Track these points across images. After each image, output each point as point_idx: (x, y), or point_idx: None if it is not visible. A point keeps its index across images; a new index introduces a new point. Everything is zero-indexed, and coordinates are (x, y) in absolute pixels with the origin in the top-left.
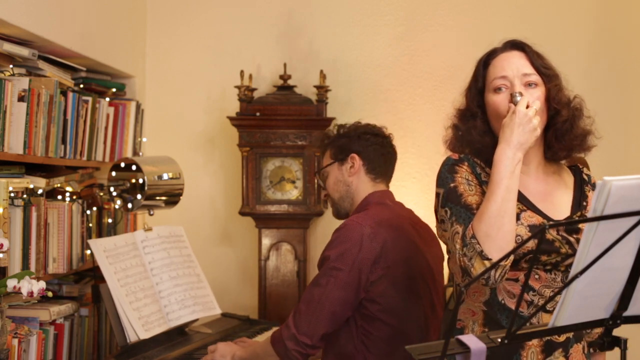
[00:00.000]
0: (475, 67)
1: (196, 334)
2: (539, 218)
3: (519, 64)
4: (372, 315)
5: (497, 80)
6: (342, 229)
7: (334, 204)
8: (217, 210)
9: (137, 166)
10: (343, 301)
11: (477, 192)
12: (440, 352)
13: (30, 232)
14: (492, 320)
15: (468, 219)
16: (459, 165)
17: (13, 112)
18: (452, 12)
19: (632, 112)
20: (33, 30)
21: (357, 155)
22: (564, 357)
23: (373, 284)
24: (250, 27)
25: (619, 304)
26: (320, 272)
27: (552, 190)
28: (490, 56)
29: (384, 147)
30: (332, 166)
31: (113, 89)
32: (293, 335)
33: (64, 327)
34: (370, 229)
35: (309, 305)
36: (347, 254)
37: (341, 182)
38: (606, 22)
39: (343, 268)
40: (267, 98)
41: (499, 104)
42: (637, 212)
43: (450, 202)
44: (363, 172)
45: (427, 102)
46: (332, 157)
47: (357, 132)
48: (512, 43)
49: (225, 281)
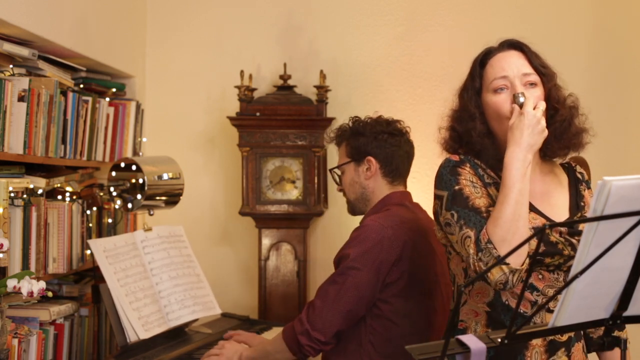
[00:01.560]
0: (471, 67)
1: (196, 334)
2: (542, 220)
3: (519, 64)
4: (383, 315)
5: (498, 80)
6: (363, 228)
7: (350, 203)
8: (217, 210)
9: (137, 166)
10: (359, 300)
11: (484, 195)
12: (440, 352)
13: (30, 232)
14: (496, 321)
15: (478, 222)
16: (460, 167)
17: (13, 112)
18: (452, 12)
19: (631, 112)
20: (33, 30)
21: (373, 158)
22: (567, 356)
23: (389, 285)
24: (250, 27)
25: (619, 304)
26: (338, 270)
27: (549, 191)
28: (486, 56)
29: (400, 147)
30: (349, 165)
31: (113, 89)
32: (306, 331)
33: (64, 327)
34: (392, 230)
35: (324, 302)
36: (367, 254)
37: (357, 184)
38: (605, 22)
39: (362, 268)
40: (267, 98)
41: (500, 104)
42: (637, 212)
43: (456, 205)
44: (380, 175)
45: (427, 102)
46: (348, 155)
47: (373, 132)
48: (509, 42)
49: (225, 281)
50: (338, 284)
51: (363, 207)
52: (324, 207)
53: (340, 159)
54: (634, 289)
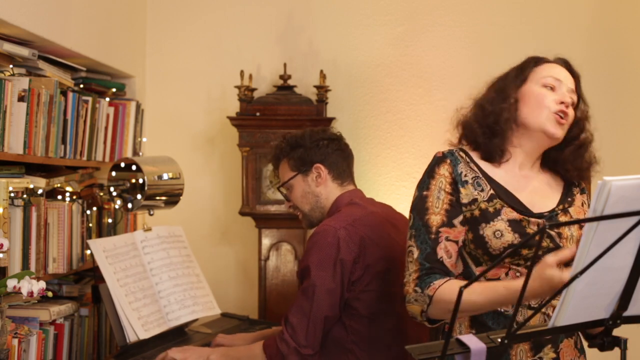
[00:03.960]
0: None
1: (196, 334)
2: (518, 214)
3: (570, 80)
4: (358, 313)
5: (551, 78)
6: (317, 235)
7: (305, 216)
8: (217, 210)
9: (137, 166)
10: (332, 305)
11: (442, 209)
12: (440, 352)
13: (30, 232)
14: (479, 322)
15: (424, 242)
16: (440, 165)
17: (13, 112)
18: (452, 12)
19: (631, 112)
20: (33, 30)
21: (321, 164)
22: (554, 352)
23: (355, 283)
24: (250, 27)
25: (619, 304)
26: (305, 283)
27: (540, 186)
28: (542, 60)
29: (342, 150)
30: (296, 179)
31: (113, 89)
32: (295, 350)
33: (64, 327)
34: (345, 230)
35: (302, 319)
36: (326, 258)
37: (309, 194)
38: (605, 22)
39: (325, 274)
40: (267, 98)
41: (544, 96)
42: (637, 212)
43: (415, 211)
44: (330, 180)
45: (427, 102)
46: (292, 169)
47: (312, 141)
48: (564, 62)
49: (225, 281)
50: (309, 298)
51: (319, 216)
52: None
53: (284, 176)
54: (634, 289)
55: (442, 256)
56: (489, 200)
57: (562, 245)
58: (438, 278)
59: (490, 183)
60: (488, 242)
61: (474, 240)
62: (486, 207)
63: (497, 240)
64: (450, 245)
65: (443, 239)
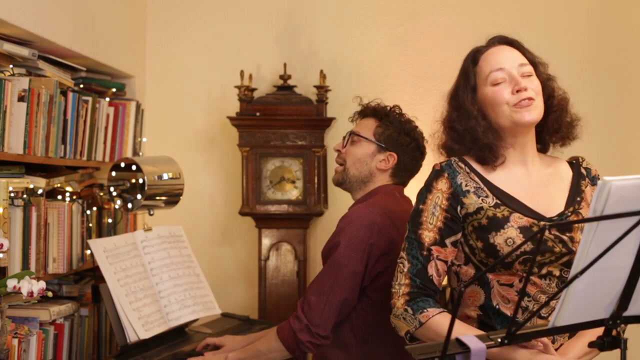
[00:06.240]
0: (462, 67)
1: (196, 334)
2: (528, 219)
3: (513, 56)
4: (374, 303)
5: (495, 73)
6: (350, 216)
7: (344, 173)
8: (217, 210)
9: (137, 166)
10: (353, 288)
11: (436, 226)
12: (440, 352)
13: (30, 232)
14: (486, 325)
15: (416, 258)
16: (437, 179)
17: (13, 112)
18: (452, 12)
19: (631, 112)
20: (33, 30)
21: (396, 155)
22: None
23: (380, 274)
24: (250, 27)
25: (619, 304)
26: (330, 261)
27: (546, 184)
28: (477, 54)
29: (417, 160)
30: (370, 144)
31: (113, 89)
32: (306, 327)
33: (64, 327)
34: (381, 218)
35: (320, 297)
36: (358, 241)
37: (366, 166)
38: (604, 22)
39: (353, 255)
40: (267, 98)
41: (498, 93)
42: (637, 212)
43: (411, 224)
44: (390, 172)
45: (427, 102)
46: (375, 136)
47: (407, 134)
48: (498, 39)
49: (225, 281)
50: (332, 276)
51: (354, 186)
52: (324, 207)
53: (363, 129)
54: (634, 289)
55: (432, 274)
56: (495, 207)
57: (574, 249)
58: (431, 304)
59: (493, 191)
60: (500, 251)
61: (484, 249)
62: (494, 214)
63: (509, 248)
64: (440, 265)
65: (434, 257)
